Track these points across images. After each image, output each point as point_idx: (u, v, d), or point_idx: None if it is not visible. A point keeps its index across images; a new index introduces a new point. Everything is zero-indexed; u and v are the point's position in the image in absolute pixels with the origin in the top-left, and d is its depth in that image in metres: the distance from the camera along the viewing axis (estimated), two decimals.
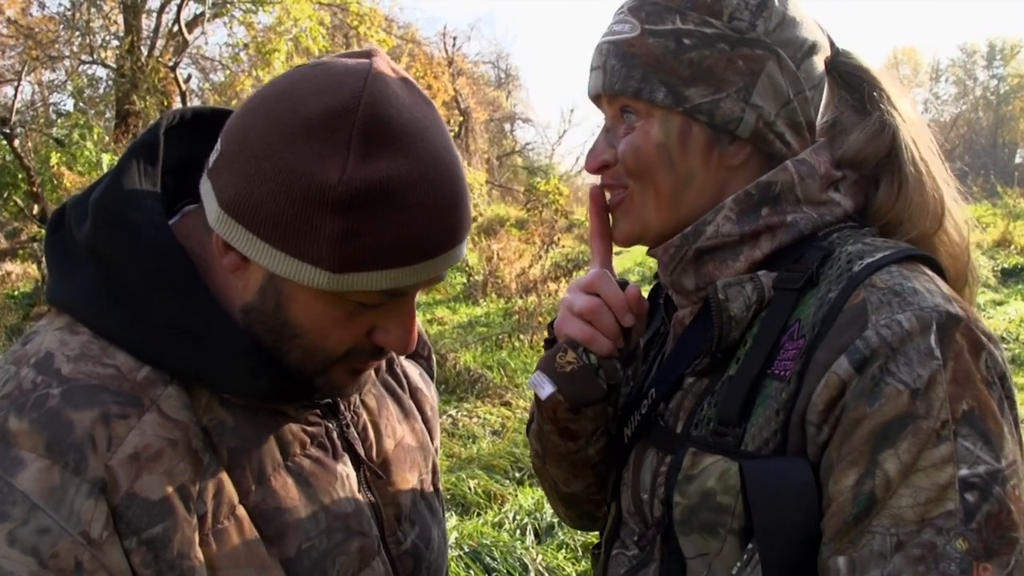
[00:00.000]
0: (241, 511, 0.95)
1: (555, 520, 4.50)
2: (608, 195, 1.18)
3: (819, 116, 1.17)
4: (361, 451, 1.12)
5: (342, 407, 1.11)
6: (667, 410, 1.11)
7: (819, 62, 1.13)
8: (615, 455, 1.20)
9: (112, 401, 0.89)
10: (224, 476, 0.95)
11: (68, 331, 0.95)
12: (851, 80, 1.16)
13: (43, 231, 10.19)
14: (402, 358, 1.30)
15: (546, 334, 1.19)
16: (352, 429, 1.12)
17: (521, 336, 8.40)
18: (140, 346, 0.94)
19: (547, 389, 1.11)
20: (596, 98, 1.15)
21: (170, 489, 0.89)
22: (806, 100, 1.11)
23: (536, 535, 4.42)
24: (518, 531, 4.45)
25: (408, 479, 1.18)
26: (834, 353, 0.93)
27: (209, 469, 0.93)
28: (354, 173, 0.86)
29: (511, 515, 4.61)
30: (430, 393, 1.32)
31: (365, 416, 1.15)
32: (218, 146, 0.95)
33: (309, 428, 1.05)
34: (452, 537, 4.26)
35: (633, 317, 1.13)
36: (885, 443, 0.89)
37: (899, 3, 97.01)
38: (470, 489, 4.95)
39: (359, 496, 1.09)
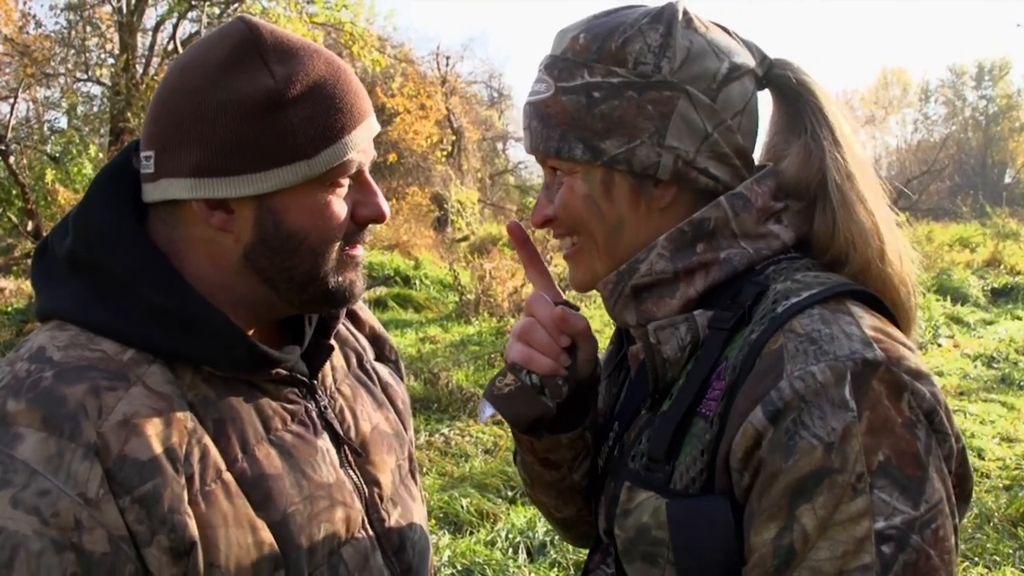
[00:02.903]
0: (228, 476, 1.02)
1: (547, 539, 4.52)
2: (563, 246, 1.20)
3: (766, 135, 1.18)
4: (340, 430, 1.19)
5: (319, 390, 1.19)
6: (625, 442, 1.14)
7: (745, 85, 1.12)
8: (592, 485, 1.24)
9: (101, 377, 0.98)
10: (209, 443, 1.02)
11: (57, 329, 1.04)
12: (786, 94, 1.15)
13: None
14: (371, 358, 1.38)
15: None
16: (330, 410, 1.19)
17: None
18: (124, 333, 1.02)
19: (486, 412, 1.16)
20: (535, 155, 1.17)
21: (158, 450, 0.96)
22: (730, 129, 1.10)
23: (529, 553, 4.44)
24: (510, 549, 4.47)
25: (387, 461, 1.25)
26: (751, 402, 0.94)
27: (194, 436, 1.01)
28: (283, 72, 1.02)
29: (503, 533, 4.63)
30: (400, 389, 1.40)
31: (341, 401, 1.23)
32: (148, 153, 1.06)
33: (289, 406, 1.13)
34: (445, 555, 4.28)
35: (568, 338, 1.15)
36: (801, 498, 0.90)
37: (889, 24, 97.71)
38: (463, 507, 4.96)
39: (340, 471, 1.16)
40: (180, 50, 13.22)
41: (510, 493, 5.29)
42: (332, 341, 1.22)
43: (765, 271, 1.08)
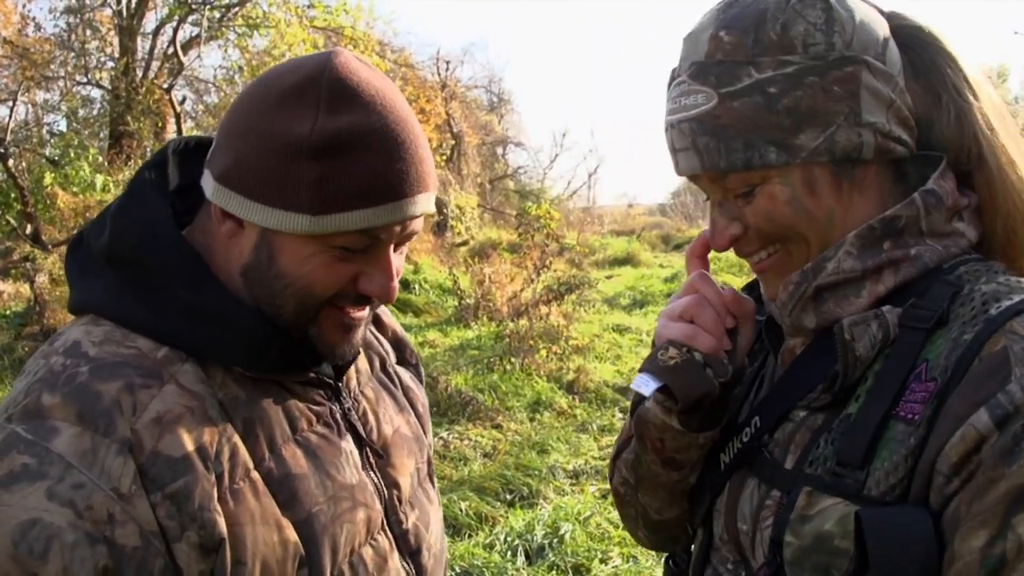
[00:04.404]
0: (256, 475, 1.04)
1: (546, 542, 4.53)
2: (750, 261, 1.12)
3: None
4: (363, 432, 1.20)
5: (344, 392, 1.20)
6: (772, 441, 1.08)
7: (894, 43, 1.06)
8: (709, 480, 1.17)
9: (135, 374, 0.99)
10: (238, 442, 1.03)
11: (92, 323, 1.05)
12: (914, 46, 1.07)
13: (36, 251, 10.19)
14: (393, 361, 1.39)
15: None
16: (354, 413, 1.21)
17: (512, 359, 8.41)
18: (158, 330, 1.04)
19: (651, 385, 1.06)
20: (695, 178, 1.09)
21: (190, 448, 0.98)
22: (903, 91, 1.04)
23: (527, 556, 4.44)
24: (509, 552, 4.47)
25: (406, 464, 1.26)
26: (972, 405, 0.89)
27: (224, 435, 1.02)
28: (323, 124, 0.99)
29: (502, 536, 4.64)
30: (420, 393, 1.42)
31: (365, 404, 1.25)
32: (214, 143, 1.08)
33: (315, 407, 1.15)
34: None
35: (734, 319, 1.11)
36: (1019, 506, 0.85)
37: None
38: (461, 511, 4.96)
39: (363, 473, 1.17)
40: (180, 54, 13.22)
41: (508, 496, 5.30)
42: None
43: (955, 271, 1.02)
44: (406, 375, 1.41)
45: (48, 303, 9.24)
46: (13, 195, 11.10)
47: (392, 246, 1.08)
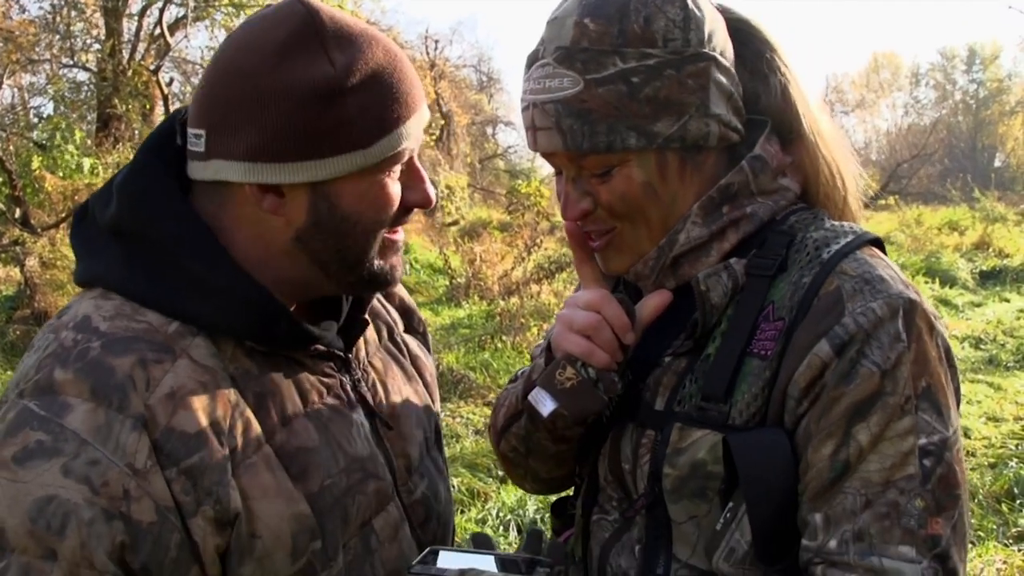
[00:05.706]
0: (268, 449, 1.04)
1: (538, 517, 4.56)
2: (591, 239, 1.20)
3: None
4: (372, 403, 1.20)
5: (353, 363, 1.20)
6: (644, 386, 1.17)
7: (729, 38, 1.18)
8: (592, 429, 1.24)
9: (148, 349, 0.98)
10: (251, 416, 1.03)
11: (101, 298, 1.04)
12: (741, 36, 1.20)
13: (25, 234, 10.16)
14: (401, 330, 1.39)
15: (537, 334, 1.21)
16: (363, 384, 1.20)
17: (503, 337, 8.43)
18: (168, 304, 1.03)
19: (548, 406, 1.14)
20: (551, 155, 1.17)
21: (204, 423, 0.98)
22: (738, 83, 1.17)
23: (519, 531, 4.48)
24: (501, 527, 4.51)
25: (415, 434, 1.27)
26: (815, 337, 1.04)
27: (237, 409, 1.02)
28: (343, 60, 1.01)
29: (494, 512, 4.69)
30: (428, 362, 1.42)
31: (374, 374, 1.25)
32: (198, 132, 1.04)
33: (325, 379, 1.15)
34: None
35: (634, 335, 1.17)
36: (858, 418, 1.01)
37: (879, 7, 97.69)
38: (454, 487, 4.98)
39: (373, 444, 1.17)
40: (167, 35, 13.15)
41: (500, 473, 5.31)
42: (366, 316, 1.23)
43: (786, 221, 1.17)
44: (414, 343, 1.41)
45: (39, 286, 9.22)
46: (1, 179, 11.04)
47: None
